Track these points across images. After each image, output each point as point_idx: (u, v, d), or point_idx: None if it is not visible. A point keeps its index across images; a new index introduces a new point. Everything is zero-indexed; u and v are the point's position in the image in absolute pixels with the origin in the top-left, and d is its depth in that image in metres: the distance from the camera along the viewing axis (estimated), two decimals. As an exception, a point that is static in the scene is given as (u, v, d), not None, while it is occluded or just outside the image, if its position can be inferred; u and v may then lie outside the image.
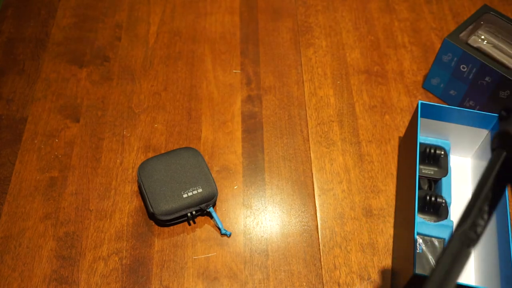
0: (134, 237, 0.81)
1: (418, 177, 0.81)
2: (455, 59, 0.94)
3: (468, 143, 0.89)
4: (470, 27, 0.96)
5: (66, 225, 0.82)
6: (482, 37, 0.94)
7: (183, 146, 0.92)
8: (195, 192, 0.82)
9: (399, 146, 0.94)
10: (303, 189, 0.88)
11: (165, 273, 0.78)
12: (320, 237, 0.83)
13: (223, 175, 0.89)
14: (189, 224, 0.83)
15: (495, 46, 0.92)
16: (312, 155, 0.92)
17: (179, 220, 0.82)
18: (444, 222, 0.81)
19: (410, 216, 0.74)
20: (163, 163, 0.84)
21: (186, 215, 0.81)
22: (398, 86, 1.03)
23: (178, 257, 0.80)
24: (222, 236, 0.82)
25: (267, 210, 0.86)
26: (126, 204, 0.85)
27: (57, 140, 0.91)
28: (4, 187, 0.85)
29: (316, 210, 0.86)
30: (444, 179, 0.86)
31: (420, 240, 0.79)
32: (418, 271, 0.76)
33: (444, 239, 0.80)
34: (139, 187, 0.84)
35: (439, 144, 0.90)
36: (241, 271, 0.79)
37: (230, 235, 0.82)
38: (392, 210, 0.86)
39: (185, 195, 0.81)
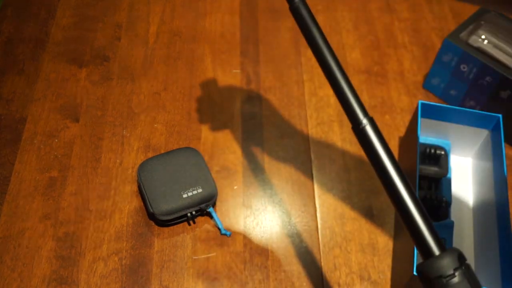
0: (134, 237, 0.81)
1: (419, 177, 0.81)
2: (456, 59, 0.94)
3: (468, 143, 0.89)
4: (471, 27, 0.96)
5: (65, 225, 0.82)
6: (483, 37, 0.94)
7: (183, 146, 0.92)
8: (195, 192, 0.81)
9: (399, 146, 0.94)
10: (303, 189, 0.88)
11: (165, 273, 0.78)
12: (320, 237, 0.83)
13: (223, 175, 0.89)
14: (189, 224, 0.83)
15: (495, 46, 0.92)
16: (312, 155, 0.92)
17: (179, 220, 0.82)
18: (444, 222, 0.81)
19: (410, 216, 0.73)
20: (163, 163, 0.84)
21: (186, 215, 0.81)
22: (398, 86, 1.03)
23: (178, 257, 0.80)
24: (222, 236, 0.82)
25: (267, 210, 0.86)
26: (126, 204, 0.85)
27: (56, 140, 0.91)
28: (4, 187, 0.85)
29: (316, 210, 0.86)
30: (444, 179, 0.86)
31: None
32: (419, 271, 0.76)
33: (445, 239, 0.80)
34: (139, 187, 0.84)
35: (439, 144, 0.90)
36: (241, 271, 0.79)
37: (230, 235, 0.82)
38: (392, 210, 0.86)
39: (185, 195, 0.81)
